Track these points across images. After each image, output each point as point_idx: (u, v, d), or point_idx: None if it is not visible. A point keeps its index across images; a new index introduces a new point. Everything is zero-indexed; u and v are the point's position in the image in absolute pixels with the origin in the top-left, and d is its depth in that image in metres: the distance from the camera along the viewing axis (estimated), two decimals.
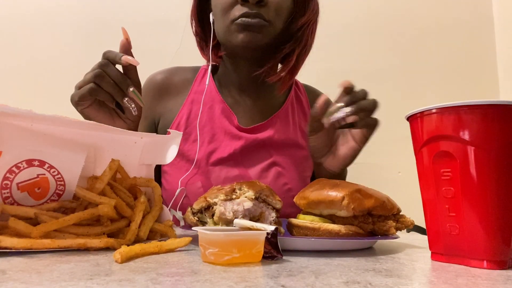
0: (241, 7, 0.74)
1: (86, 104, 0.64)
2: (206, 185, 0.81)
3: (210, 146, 0.83)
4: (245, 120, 0.87)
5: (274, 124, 0.87)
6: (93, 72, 0.61)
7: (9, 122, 0.47)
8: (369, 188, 0.55)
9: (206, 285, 0.30)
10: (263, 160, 0.84)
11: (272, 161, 0.84)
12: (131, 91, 0.62)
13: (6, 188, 0.48)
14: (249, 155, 0.84)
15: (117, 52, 0.64)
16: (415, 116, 0.45)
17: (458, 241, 0.41)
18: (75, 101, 0.64)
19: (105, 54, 0.63)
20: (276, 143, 0.86)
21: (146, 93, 0.90)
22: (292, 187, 0.83)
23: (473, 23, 1.70)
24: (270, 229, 0.41)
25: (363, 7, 1.71)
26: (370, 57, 1.67)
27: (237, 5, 0.75)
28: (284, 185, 0.83)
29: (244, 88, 0.89)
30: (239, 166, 0.83)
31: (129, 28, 0.70)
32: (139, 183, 0.57)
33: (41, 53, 1.63)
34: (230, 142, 0.84)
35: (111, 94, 0.62)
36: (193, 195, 0.80)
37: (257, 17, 0.74)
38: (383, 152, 1.62)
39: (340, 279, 0.33)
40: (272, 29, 0.77)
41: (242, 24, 0.74)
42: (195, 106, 0.87)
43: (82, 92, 0.62)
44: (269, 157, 0.84)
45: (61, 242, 0.43)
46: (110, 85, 0.61)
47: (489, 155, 0.39)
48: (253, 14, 0.73)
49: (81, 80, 0.63)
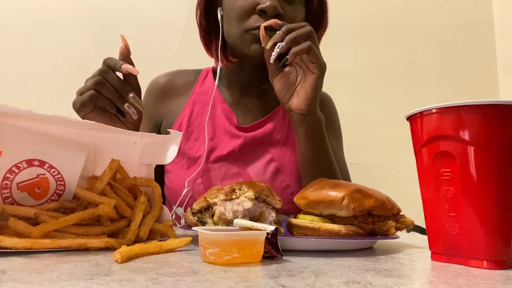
0: (258, 17, 0.75)
1: (87, 110, 0.66)
2: (206, 182, 0.83)
3: (210, 144, 0.85)
4: (245, 119, 0.88)
5: (272, 121, 0.88)
6: (94, 79, 0.63)
7: (9, 122, 0.47)
8: (369, 188, 0.55)
9: (206, 285, 0.30)
10: (262, 158, 0.85)
11: (270, 158, 0.85)
12: (131, 96, 0.64)
13: (6, 188, 0.48)
14: (248, 153, 0.85)
15: (117, 59, 0.65)
16: (415, 116, 0.45)
17: (458, 241, 0.41)
18: (76, 107, 0.65)
19: (105, 61, 0.65)
20: (274, 140, 0.87)
21: (150, 96, 0.93)
22: (290, 183, 0.84)
23: (473, 23, 1.70)
24: (270, 229, 0.41)
25: (363, 7, 1.71)
26: (370, 57, 1.67)
27: (254, 14, 0.76)
28: (282, 181, 0.84)
29: (245, 89, 0.90)
30: (238, 164, 0.84)
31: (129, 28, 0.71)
32: (139, 183, 0.57)
33: (41, 53, 1.63)
34: (229, 140, 0.85)
35: (112, 100, 0.64)
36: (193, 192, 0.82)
37: (274, 30, 0.74)
38: (383, 152, 1.63)
39: (340, 279, 0.33)
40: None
41: (257, 35, 0.75)
42: (197, 107, 0.89)
43: (83, 99, 0.63)
44: (268, 154, 0.85)
45: (61, 242, 0.43)
46: (110, 92, 0.63)
47: (489, 155, 0.39)
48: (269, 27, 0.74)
49: (82, 87, 0.65)
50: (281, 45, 0.67)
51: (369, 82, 1.64)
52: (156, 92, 0.93)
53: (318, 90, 0.73)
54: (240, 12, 0.76)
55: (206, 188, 0.81)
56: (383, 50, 1.69)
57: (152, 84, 0.95)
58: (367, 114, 1.62)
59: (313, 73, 0.71)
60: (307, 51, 0.68)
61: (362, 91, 1.62)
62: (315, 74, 0.71)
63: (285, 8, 0.76)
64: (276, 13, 0.74)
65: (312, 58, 0.70)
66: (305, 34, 0.68)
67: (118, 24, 1.63)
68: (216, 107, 0.88)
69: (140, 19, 1.64)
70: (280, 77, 0.75)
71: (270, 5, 0.73)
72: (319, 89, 0.73)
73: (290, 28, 0.68)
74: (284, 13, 0.76)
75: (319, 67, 0.71)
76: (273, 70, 0.75)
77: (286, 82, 0.75)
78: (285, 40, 0.67)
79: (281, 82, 0.75)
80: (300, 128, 0.76)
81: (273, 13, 0.74)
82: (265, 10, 0.74)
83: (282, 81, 0.75)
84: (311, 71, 0.72)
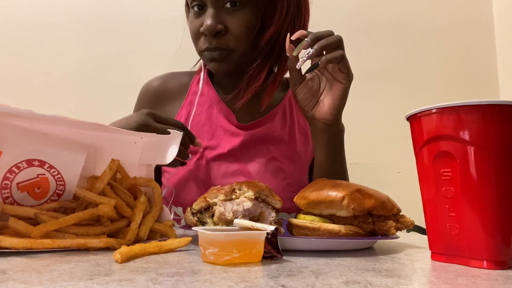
0: (204, 39, 0.78)
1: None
2: (206, 180, 0.83)
3: (210, 143, 0.85)
4: (244, 117, 0.88)
5: (272, 120, 0.88)
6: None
7: (9, 122, 0.47)
8: (369, 188, 0.55)
9: (206, 285, 0.30)
10: (262, 155, 0.85)
11: (271, 156, 0.85)
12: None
13: (6, 188, 0.48)
14: (248, 151, 0.85)
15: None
16: (415, 116, 0.45)
17: (458, 241, 0.41)
18: None
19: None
20: (274, 138, 0.87)
21: (143, 100, 0.93)
22: (291, 181, 0.84)
23: (473, 23, 1.70)
24: (270, 229, 0.41)
25: (363, 7, 1.71)
26: (370, 57, 1.67)
27: (201, 36, 0.79)
28: (283, 179, 0.84)
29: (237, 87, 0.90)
30: (239, 162, 0.84)
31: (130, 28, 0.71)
32: (139, 183, 0.57)
33: (41, 54, 1.63)
34: (229, 139, 0.85)
35: None
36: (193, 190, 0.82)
37: (217, 49, 0.78)
38: (383, 152, 1.63)
39: (340, 279, 0.33)
40: (236, 54, 0.80)
41: (207, 57, 0.80)
42: (193, 107, 0.89)
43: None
44: (268, 152, 0.85)
45: (61, 242, 0.43)
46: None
47: (489, 155, 0.39)
48: (213, 48, 0.77)
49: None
50: (311, 51, 0.64)
51: (369, 82, 1.64)
52: (149, 96, 0.93)
53: (345, 101, 0.71)
54: (192, 35, 0.81)
55: (206, 187, 0.81)
56: (383, 50, 1.69)
57: (145, 88, 0.94)
58: (367, 114, 1.62)
59: (341, 83, 0.70)
60: (340, 60, 0.66)
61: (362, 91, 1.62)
62: (343, 84, 0.69)
63: (227, 20, 0.76)
64: (215, 32, 0.76)
65: (342, 68, 0.68)
66: (335, 42, 0.66)
67: (118, 24, 1.63)
68: (214, 107, 0.88)
69: (140, 19, 1.64)
70: (304, 85, 0.73)
71: (207, 27, 0.75)
72: (346, 100, 0.72)
73: (317, 35, 0.66)
74: (227, 27, 0.76)
75: (348, 77, 0.69)
76: (295, 79, 0.73)
77: (310, 90, 0.73)
78: (315, 46, 0.65)
79: (304, 90, 0.73)
80: (322, 137, 0.74)
81: (212, 34, 0.76)
82: (205, 33, 0.76)
83: (306, 90, 0.73)
84: (339, 81, 0.70)
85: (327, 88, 0.72)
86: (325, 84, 0.73)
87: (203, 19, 0.76)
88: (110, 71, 1.62)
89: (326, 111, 0.72)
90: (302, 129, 0.91)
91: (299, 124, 0.92)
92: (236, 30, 0.77)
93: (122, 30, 1.63)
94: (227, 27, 0.76)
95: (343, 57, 0.67)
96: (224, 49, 0.78)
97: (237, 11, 0.77)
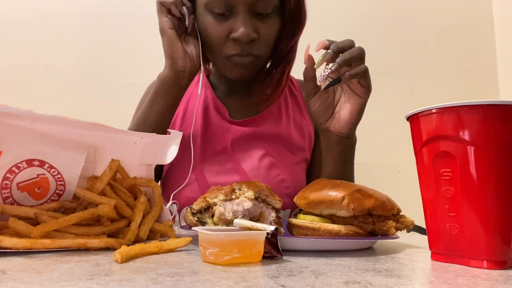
0: (234, 44, 0.75)
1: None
2: (200, 178, 0.82)
3: (203, 140, 0.85)
4: (237, 113, 0.89)
5: (266, 118, 0.88)
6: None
7: (9, 122, 0.47)
8: (369, 188, 0.55)
9: (206, 285, 0.30)
10: (256, 152, 0.85)
11: (264, 152, 0.85)
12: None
13: (6, 188, 0.48)
14: (241, 147, 0.85)
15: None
16: (415, 116, 0.45)
17: (458, 241, 0.41)
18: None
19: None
20: (268, 136, 0.87)
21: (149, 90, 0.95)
22: (285, 178, 0.84)
23: (473, 24, 1.70)
24: (270, 229, 0.41)
25: (364, 7, 1.71)
26: (370, 57, 1.66)
27: (229, 41, 0.75)
28: (277, 175, 0.84)
29: (236, 88, 0.91)
30: (232, 159, 0.85)
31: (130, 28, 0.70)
32: (139, 183, 0.57)
33: (41, 54, 1.63)
34: (222, 135, 0.86)
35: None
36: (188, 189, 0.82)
37: (249, 55, 0.76)
38: (383, 152, 1.63)
39: (340, 279, 0.33)
40: (261, 61, 0.80)
41: (235, 62, 0.77)
42: (190, 105, 0.90)
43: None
44: (262, 149, 0.85)
45: (61, 242, 0.43)
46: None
47: (489, 155, 0.39)
48: (245, 53, 0.75)
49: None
50: (334, 65, 0.62)
51: None
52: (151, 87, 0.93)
53: (361, 115, 0.70)
54: (216, 41, 0.76)
55: (200, 184, 0.81)
56: (383, 50, 1.69)
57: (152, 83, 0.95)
58: (367, 114, 1.62)
59: (360, 97, 0.68)
60: (363, 76, 0.65)
61: None
62: (362, 98, 0.68)
63: (259, 27, 0.75)
64: (250, 40, 0.73)
65: (363, 82, 0.67)
66: (358, 55, 0.64)
67: (118, 24, 1.63)
68: (209, 104, 0.89)
69: (140, 19, 1.64)
70: (318, 96, 0.71)
71: (243, 34, 0.72)
72: (363, 113, 0.71)
73: (340, 47, 0.64)
74: (258, 34, 0.75)
75: (368, 91, 0.68)
76: (310, 89, 0.70)
77: (325, 102, 0.71)
78: (338, 60, 0.62)
79: (319, 102, 0.71)
80: (335, 149, 0.73)
81: (247, 41, 0.73)
82: (239, 39, 0.73)
83: (320, 102, 0.71)
84: (358, 95, 0.68)
85: (344, 100, 0.71)
86: (340, 95, 0.71)
87: (230, 24, 0.74)
88: (110, 71, 1.62)
89: (342, 125, 0.71)
90: (297, 126, 0.92)
91: (294, 121, 0.92)
92: (266, 38, 0.76)
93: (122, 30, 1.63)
94: (258, 34, 0.75)
95: (366, 72, 0.66)
96: (254, 56, 0.76)
97: (268, 19, 0.76)
